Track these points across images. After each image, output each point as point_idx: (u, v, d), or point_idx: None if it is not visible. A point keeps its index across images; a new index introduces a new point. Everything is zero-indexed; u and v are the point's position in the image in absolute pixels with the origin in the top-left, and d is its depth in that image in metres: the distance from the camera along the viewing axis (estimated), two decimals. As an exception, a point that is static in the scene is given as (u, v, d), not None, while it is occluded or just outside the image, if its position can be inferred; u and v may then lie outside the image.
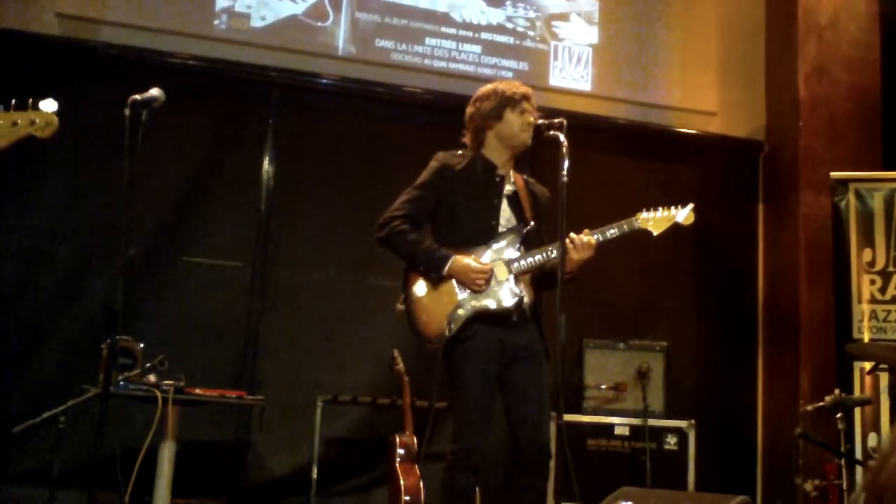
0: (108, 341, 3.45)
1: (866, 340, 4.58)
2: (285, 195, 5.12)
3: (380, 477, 4.72)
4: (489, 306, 3.07)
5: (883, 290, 4.71)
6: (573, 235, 3.08)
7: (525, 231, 3.17)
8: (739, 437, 5.55)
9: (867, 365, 4.40)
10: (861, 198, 4.83)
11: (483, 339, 3.04)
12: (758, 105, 5.95)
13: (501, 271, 3.10)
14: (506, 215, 3.20)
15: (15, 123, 2.51)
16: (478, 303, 3.06)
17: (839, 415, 3.73)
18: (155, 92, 2.77)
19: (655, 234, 3.21)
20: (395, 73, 5.35)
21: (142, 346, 3.95)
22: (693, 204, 3.25)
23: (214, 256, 4.95)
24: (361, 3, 5.34)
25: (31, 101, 2.55)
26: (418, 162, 3.35)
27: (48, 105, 2.56)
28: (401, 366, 4.44)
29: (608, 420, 4.69)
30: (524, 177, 3.34)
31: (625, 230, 3.17)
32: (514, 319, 3.09)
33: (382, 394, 4.72)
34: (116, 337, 3.15)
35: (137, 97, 2.72)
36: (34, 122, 2.51)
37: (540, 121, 3.12)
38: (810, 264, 5.31)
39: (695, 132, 5.87)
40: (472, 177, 3.21)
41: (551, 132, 3.03)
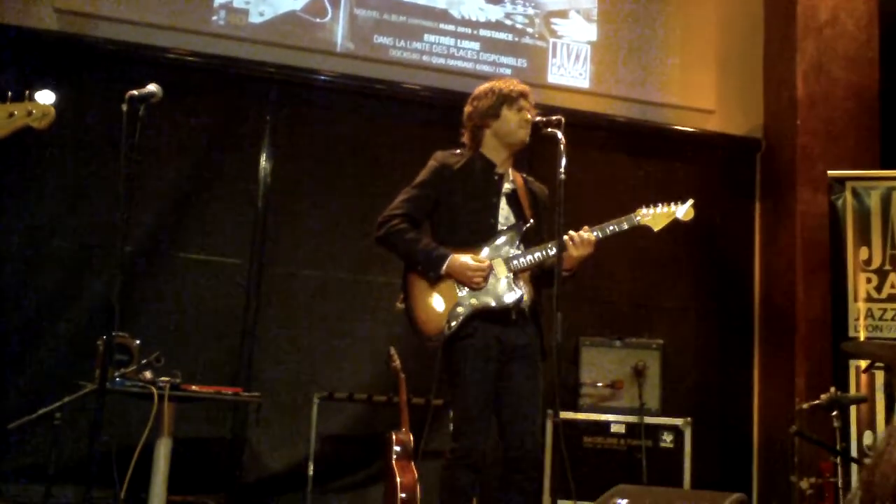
0: (104, 337, 3.45)
1: (862, 339, 4.59)
2: (283, 192, 5.12)
3: (376, 474, 4.72)
4: (488, 304, 3.07)
5: (879, 288, 4.71)
6: (572, 232, 3.07)
7: (524, 229, 3.16)
8: (735, 434, 5.56)
9: (863, 363, 4.41)
10: (858, 196, 4.84)
11: (482, 337, 3.04)
12: (756, 103, 5.95)
13: (501, 269, 3.10)
14: (504, 214, 3.20)
15: (11, 115, 2.51)
16: (477, 300, 3.06)
17: (835, 413, 3.74)
18: (152, 88, 2.76)
19: (655, 230, 3.20)
20: (394, 69, 5.35)
21: (138, 342, 3.94)
22: (692, 200, 3.24)
23: (212, 253, 4.95)
24: (360, -1, 5.34)
25: (27, 92, 2.55)
26: (417, 159, 3.35)
27: (45, 96, 2.56)
28: (397, 363, 4.44)
29: (604, 418, 4.69)
30: (523, 175, 3.34)
31: (624, 227, 3.17)
32: (513, 318, 3.09)
33: (379, 391, 4.73)
34: (113, 333, 3.14)
35: (135, 93, 2.72)
36: (31, 114, 2.52)
37: (538, 118, 3.11)
38: (807, 262, 5.32)
39: (693, 130, 5.87)
40: (470, 175, 3.20)
41: (549, 129, 3.02)
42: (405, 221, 3.15)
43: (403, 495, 4.03)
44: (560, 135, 2.94)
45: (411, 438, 4.25)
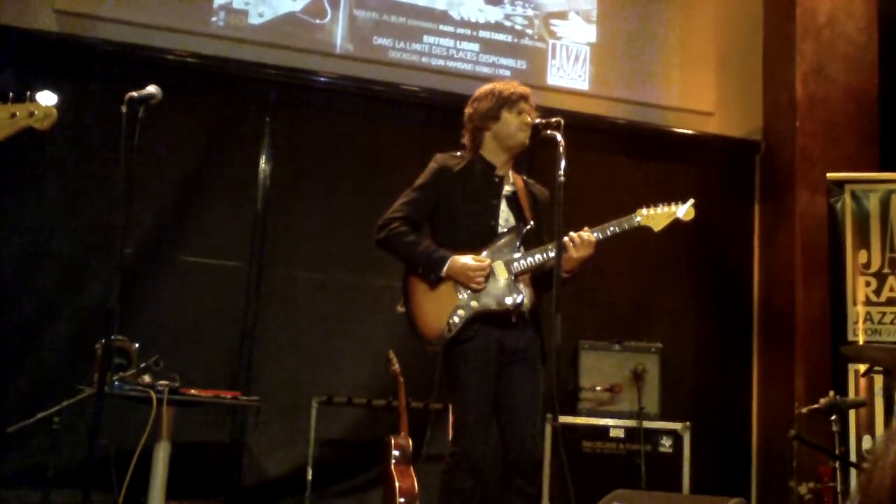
0: (102, 341, 3.44)
1: (861, 343, 4.58)
2: (282, 193, 5.11)
3: (375, 478, 4.71)
4: (489, 306, 3.05)
5: (878, 291, 4.71)
6: (573, 233, 3.06)
7: (524, 231, 3.15)
8: (734, 439, 5.56)
9: (862, 367, 4.40)
10: (857, 199, 4.83)
11: (482, 340, 3.03)
12: (755, 105, 5.95)
13: (501, 271, 3.08)
14: (505, 216, 3.19)
15: (13, 115, 2.52)
16: (477, 303, 3.05)
17: (834, 417, 3.73)
18: (152, 89, 2.76)
19: (656, 230, 3.19)
20: (393, 71, 5.34)
21: (137, 346, 3.93)
22: (693, 199, 3.23)
23: (211, 256, 4.93)
24: (360, 0, 5.32)
25: (28, 93, 2.55)
26: (416, 160, 3.34)
27: (46, 97, 2.56)
28: (396, 367, 4.43)
29: (603, 422, 4.68)
30: (524, 177, 3.33)
31: (625, 227, 3.15)
32: (514, 320, 3.08)
33: (378, 395, 4.72)
34: (111, 337, 3.12)
35: (134, 94, 2.71)
36: (33, 114, 2.52)
37: (537, 120, 3.11)
38: (806, 265, 5.31)
39: (692, 132, 5.86)
40: (470, 178, 3.19)
41: (548, 131, 3.01)
42: (405, 224, 3.14)
43: (402, 500, 4.02)
44: (559, 137, 2.92)
45: (410, 443, 4.25)
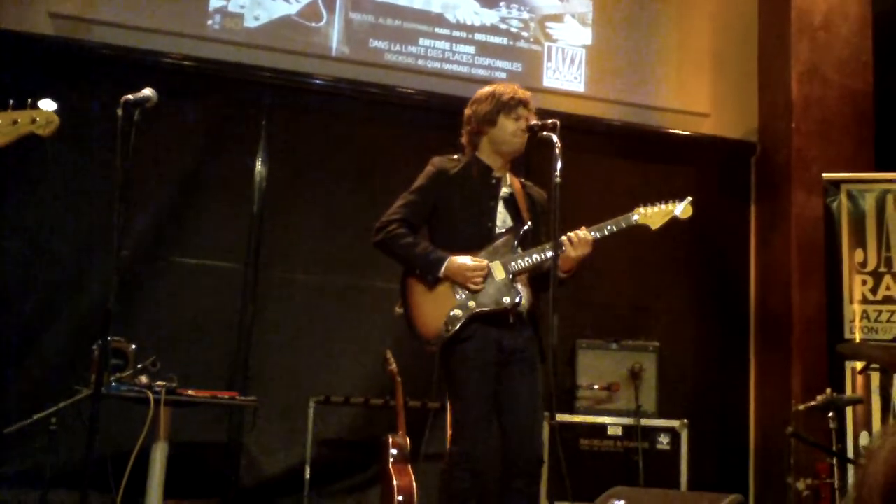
0: (99, 342, 3.44)
1: (858, 340, 4.60)
2: (278, 196, 5.12)
3: (373, 477, 4.72)
4: (487, 306, 3.06)
5: (874, 290, 4.73)
6: (570, 233, 3.07)
7: (522, 232, 3.16)
8: (732, 436, 5.57)
9: (858, 365, 4.42)
10: (853, 199, 4.85)
11: (481, 340, 3.03)
12: (750, 106, 5.97)
13: (499, 272, 3.09)
14: (502, 217, 3.20)
15: (15, 122, 2.54)
16: (475, 303, 3.06)
17: (831, 414, 3.74)
18: (148, 92, 2.76)
19: (654, 228, 3.20)
20: (389, 73, 5.35)
21: (134, 347, 3.93)
22: (690, 197, 3.24)
23: (208, 257, 4.94)
24: (355, 3, 5.34)
25: (29, 101, 2.57)
26: (413, 162, 3.35)
27: (47, 104, 2.58)
28: (394, 366, 4.44)
29: (601, 420, 4.69)
30: (521, 180, 3.34)
31: (622, 226, 3.16)
32: (511, 320, 3.09)
33: (375, 394, 4.72)
34: (108, 338, 3.13)
35: (130, 97, 2.72)
36: (35, 121, 2.55)
37: (532, 122, 3.12)
38: (802, 265, 5.33)
39: (687, 133, 5.88)
40: (467, 180, 3.20)
41: (544, 133, 3.03)
42: (403, 226, 3.15)
43: (400, 498, 4.03)
44: (555, 138, 2.95)
45: (408, 442, 4.25)
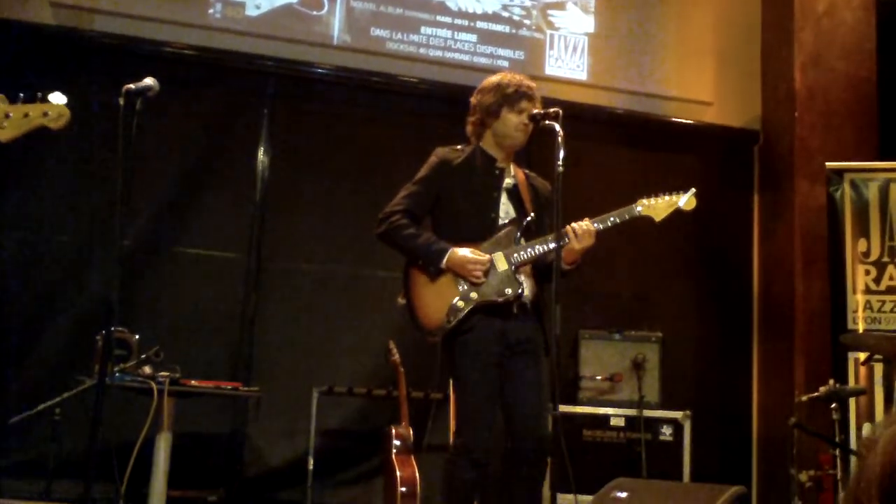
0: (102, 333, 3.44)
1: (861, 331, 4.59)
2: (281, 185, 5.11)
3: (376, 468, 4.72)
4: (489, 298, 3.05)
5: (877, 280, 4.72)
6: (574, 224, 3.06)
7: (525, 223, 3.15)
8: (735, 427, 5.56)
9: (861, 355, 4.41)
10: (856, 188, 4.84)
11: (483, 331, 3.03)
12: (754, 95, 5.94)
13: (501, 263, 3.08)
14: (505, 208, 3.19)
15: (26, 115, 2.55)
16: (478, 294, 3.05)
17: (834, 405, 3.75)
18: (149, 81, 2.75)
19: (657, 220, 3.18)
20: (391, 62, 5.33)
21: (137, 337, 3.94)
22: (694, 189, 3.22)
23: (210, 247, 4.94)
24: (356, -9, 5.31)
25: (39, 94, 2.58)
26: (415, 150, 3.35)
27: (57, 98, 2.59)
28: (396, 357, 4.43)
29: (604, 411, 4.69)
30: (525, 170, 3.33)
31: (625, 217, 3.15)
32: (515, 311, 3.08)
33: (378, 385, 4.72)
34: (112, 328, 3.13)
35: (131, 86, 2.70)
36: (47, 114, 2.56)
37: (535, 111, 3.10)
38: (805, 255, 5.32)
39: (690, 122, 5.85)
40: (471, 170, 3.19)
41: (547, 122, 3.02)
42: (405, 217, 3.15)
43: (403, 489, 4.03)
44: (558, 127, 2.93)
45: (411, 432, 4.25)
